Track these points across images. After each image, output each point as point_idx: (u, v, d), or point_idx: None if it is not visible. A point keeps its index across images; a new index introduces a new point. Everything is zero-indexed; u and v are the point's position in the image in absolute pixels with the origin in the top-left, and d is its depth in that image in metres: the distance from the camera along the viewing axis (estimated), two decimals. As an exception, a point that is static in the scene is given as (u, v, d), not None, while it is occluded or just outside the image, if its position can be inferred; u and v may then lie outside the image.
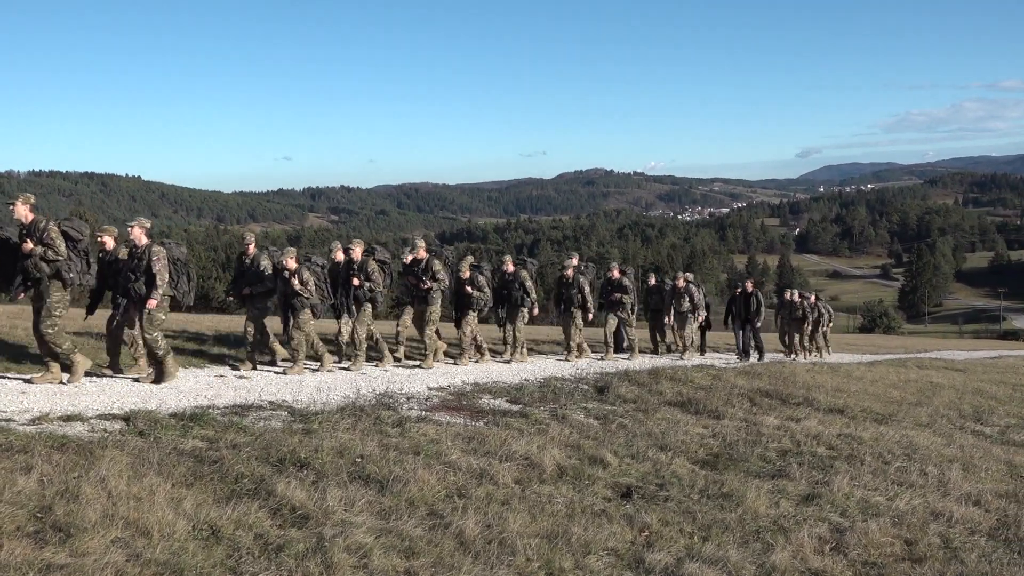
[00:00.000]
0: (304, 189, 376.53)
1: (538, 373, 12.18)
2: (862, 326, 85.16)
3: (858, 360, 21.99)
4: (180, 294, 9.22)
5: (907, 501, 6.71)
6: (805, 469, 7.47)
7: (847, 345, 32.59)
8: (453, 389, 10.06)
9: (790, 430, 9.33)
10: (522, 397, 9.80)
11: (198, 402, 7.94)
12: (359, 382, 10.05)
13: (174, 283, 9.11)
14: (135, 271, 8.86)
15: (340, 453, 6.21)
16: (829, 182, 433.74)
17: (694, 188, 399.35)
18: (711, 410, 10.14)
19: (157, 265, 8.77)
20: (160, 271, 8.78)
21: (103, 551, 4.14)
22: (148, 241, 8.98)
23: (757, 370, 14.32)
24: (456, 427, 7.73)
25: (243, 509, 4.86)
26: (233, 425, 6.87)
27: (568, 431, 8.08)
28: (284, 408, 7.97)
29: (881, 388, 14.62)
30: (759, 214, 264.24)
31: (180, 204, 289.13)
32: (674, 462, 7.31)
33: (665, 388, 11.36)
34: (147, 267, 8.80)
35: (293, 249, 10.70)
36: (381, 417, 7.75)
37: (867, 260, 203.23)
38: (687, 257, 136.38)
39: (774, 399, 11.61)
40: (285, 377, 10.12)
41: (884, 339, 51.13)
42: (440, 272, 11.97)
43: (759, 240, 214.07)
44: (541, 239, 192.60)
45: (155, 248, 8.89)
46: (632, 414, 9.53)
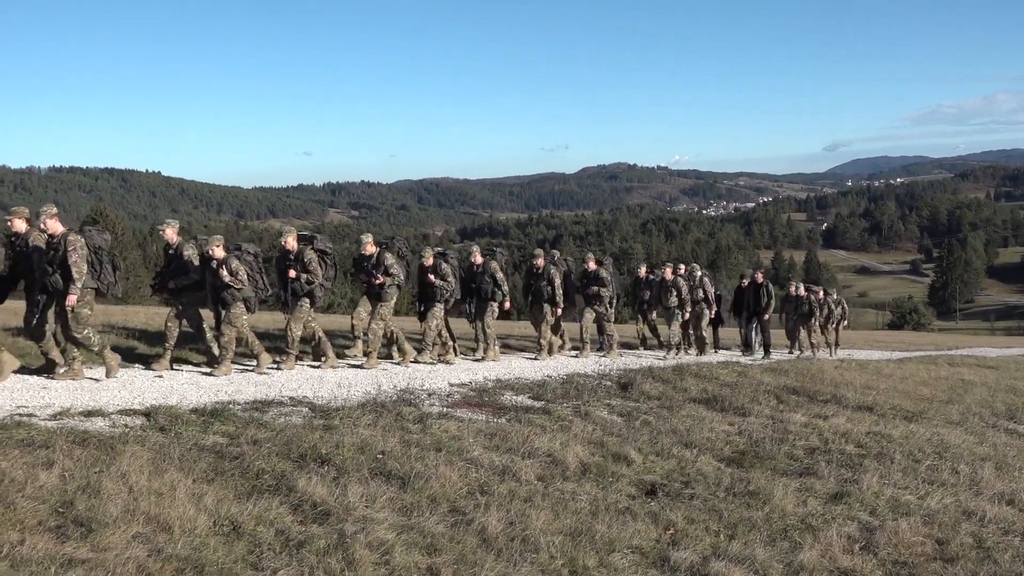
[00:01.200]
0: (324, 184, 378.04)
1: (561, 369, 12.18)
2: (891, 323, 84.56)
3: (887, 357, 21.82)
4: (104, 285, 8.68)
5: (938, 500, 6.65)
6: (833, 467, 7.42)
7: (876, 342, 32.36)
8: (475, 385, 10.07)
9: (818, 427, 9.28)
10: (545, 393, 9.80)
11: (219, 398, 7.99)
12: (380, 378, 10.08)
13: (96, 274, 8.52)
14: (51, 263, 8.28)
15: (361, 449, 6.23)
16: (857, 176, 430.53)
17: (719, 182, 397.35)
18: (737, 407, 10.10)
19: (73, 256, 8.19)
20: (77, 263, 8.19)
21: (124, 546, 4.18)
22: (64, 230, 8.38)
23: (784, 367, 14.24)
24: (478, 423, 7.74)
25: (264, 505, 4.89)
26: (254, 421, 6.91)
27: (591, 428, 8.07)
28: (305, 404, 8.00)
29: (911, 385, 14.50)
30: (785, 209, 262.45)
31: (200, 200, 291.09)
32: (699, 459, 7.28)
33: (690, 385, 11.32)
34: (63, 259, 8.21)
35: (220, 237, 9.99)
36: (402, 413, 7.77)
37: (896, 256, 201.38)
38: (712, 252, 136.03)
39: (801, 396, 11.55)
40: (305, 373, 10.15)
41: (914, 336, 50.76)
42: (393, 266, 11.20)
43: (785, 235, 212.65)
44: (563, 234, 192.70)
45: (71, 238, 8.26)
46: (656, 411, 9.50)
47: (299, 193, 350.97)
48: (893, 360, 20.35)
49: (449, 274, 11.91)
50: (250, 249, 10.23)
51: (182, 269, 9.82)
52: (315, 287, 10.44)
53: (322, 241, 10.90)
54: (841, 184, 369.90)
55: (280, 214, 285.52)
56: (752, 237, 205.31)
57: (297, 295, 10.39)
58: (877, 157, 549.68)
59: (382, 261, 11.18)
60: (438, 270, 11.86)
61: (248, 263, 9.97)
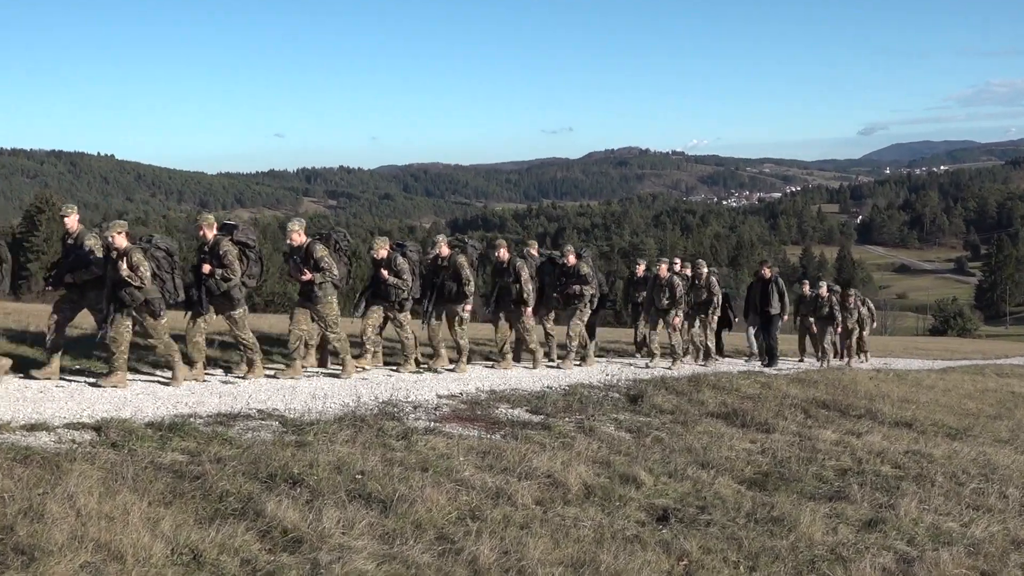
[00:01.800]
0: (298, 170, 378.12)
1: (562, 380, 12.18)
2: (933, 328, 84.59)
3: (929, 367, 21.86)
4: None
5: (984, 527, 6.66)
6: (867, 490, 7.44)
7: (916, 349, 32.40)
8: (466, 397, 10.08)
9: (850, 446, 9.30)
10: (544, 407, 9.81)
11: (178, 410, 7.98)
12: (360, 389, 10.07)
13: None
14: None
15: (338, 468, 6.23)
16: (896, 163, 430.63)
17: (741, 170, 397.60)
18: (760, 423, 10.11)
19: None
20: None
21: (71, 577, 4.17)
22: None
23: (813, 377, 14.26)
24: (469, 440, 7.75)
25: (228, 531, 4.89)
26: (217, 436, 6.91)
27: (596, 445, 8.08)
28: (275, 417, 8.00)
29: (955, 399, 14.54)
30: (815, 199, 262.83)
31: (159, 187, 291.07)
32: (717, 481, 7.29)
33: (707, 397, 11.33)
34: None
35: (123, 223, 9.34)
36: (384, 428, 7.77)
37: (939, 252, 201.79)
38: (733, 248, 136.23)
39: (832, 411, 11.57)
40: (276, 383, 10.15)
41: (959, 343, 50.79)
42: (325, 259, 10.44)
43: (815, 229, 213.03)
44: (566, 227, 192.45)
45: None
46: (669, 427, 9.51)
47: (270, 180, 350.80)
48: (935, 370, 20.41)
49: (405, 271, 11.46)
50: (160, 244, 9.67)
51: (82, 262, 9.47)
52: (232, 286, 9.87)
53: (244, 232, 10.35)
54: (878, 172, 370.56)
55: (249, 203, 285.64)
56: (778, 231, 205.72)
57: (212, 293, 9.83)
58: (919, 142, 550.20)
59: (312, 254, 10.46)
60: (392, 264, 11.41)
61: (156, 259, 9.43)
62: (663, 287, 14.76)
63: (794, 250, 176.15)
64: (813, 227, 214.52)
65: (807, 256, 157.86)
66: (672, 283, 14.70)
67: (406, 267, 11.49)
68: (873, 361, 20.66)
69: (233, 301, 9.96)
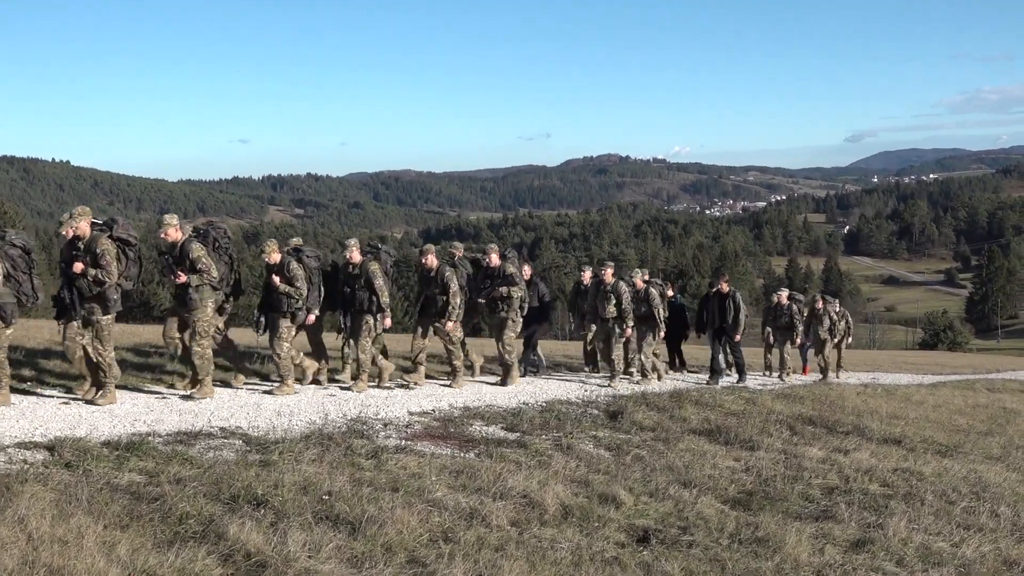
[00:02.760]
0: (263, 177, 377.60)
1: (539, 395, 12.18)
2: (923, 341, 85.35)
3: (918, 382, 22.03)
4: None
5: (975, 548, 6.71)
6: (855, 510, 7.47)
7: (905, 364, 32.64)
8: (438, 414, 10.06)
9: (837, 463, 9.34)
10: (520, 424, 9.80)
11: (136, 428, 7.93)
12: (328, 405, 10.04)
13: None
14: None
15: (304, 489, 6.20)
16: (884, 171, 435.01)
17: (724, 178, 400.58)
18: (744, 440, 10.15)
19: None
20: None
21: (21, 604, 4.13)
22: None
23: (798, 393, 14.34)
24: (442, 459, 7.73)
25: (188, 555, 4.85)
26: (177, 456, 6.86)
27: (574, 464, 8.08)
28: (238, 436, 7.96)
29: (945, 415, 14.64)
30: (801, 209, 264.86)
31: (117, 194, 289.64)
32: (700, 501, 7.30)
33: (689, 414, 11.37)
34: None
35: None
36: (353, 447, 7.75)
37: (929, 264, 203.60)
38: (716, 259, 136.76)
39: (818, 427, 11.63)
40: (239, 400, 10.10)
41: (949, 357, 51.22)
42: (202, 260, 9.80)
43: (801, 240, 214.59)
44: (544, 237, 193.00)
45: None
46: (650, 444, 9.53)
47: (234, 187, 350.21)
48: (925, 385, 20.56)
49: (299, 278, 10.80)
50: (16, 240, 9.05)
51: None
52: (108, 288, 9.15)
53: (124, 228, 9.57)
54: (866, 180, 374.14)
55: (211, 211, 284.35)
56: (763, 241, 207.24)
57: (83, 296, 9.17)
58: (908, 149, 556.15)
59: (187, 254, 9.80)
60: (285, 270, 10.79)
61: (11, 258, 8.85)
62: (608, 294, 14.13)
63: (779, 261, 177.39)
64: (799, 237, 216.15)
65: (793, 267, 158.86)
66: (618, 290, 14.05)
67: (300, 274, 10.83)
68: (860, 376, 20.78)
69: (107, 304, 9.20)
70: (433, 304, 12.25)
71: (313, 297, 11.12)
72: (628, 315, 14.12)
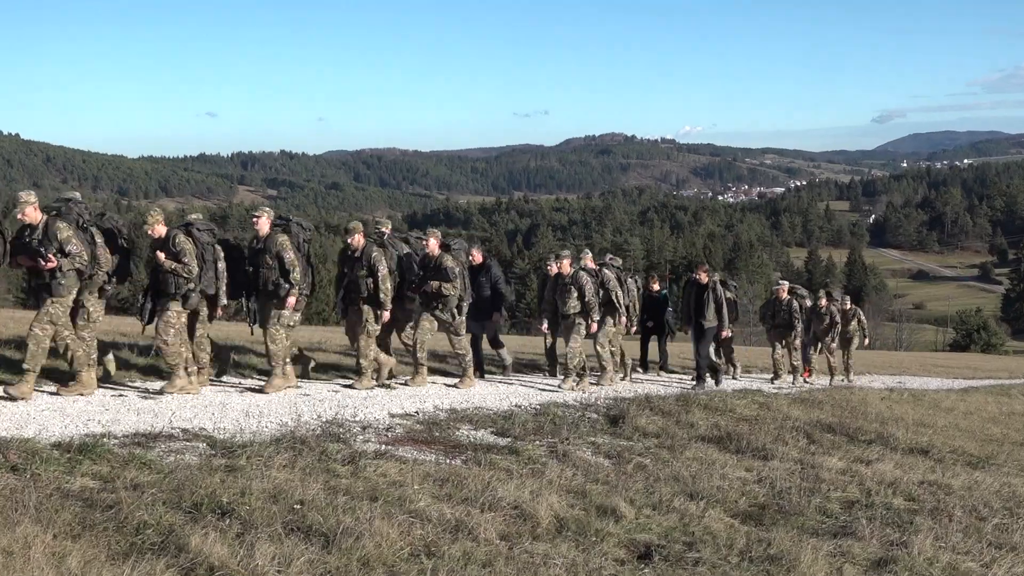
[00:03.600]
0: (233, 155, 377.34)
1: (533, 398, 12.19)
2: (954, 342, 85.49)
3: (948, 386, 22.09)
4: None
5: (1007, 568, 6.72)
6: (877, 525, 7.48)
7: (935, 367, 32.71)
8: (423, 416, 10.07)
9: (858, 475, 9.36)
10: (512, 428, 9.82)
11: (90, 429, 7.92)
12: (301, 406, 10.04)
13: None
14: None
15: (274, 497, 6.20)
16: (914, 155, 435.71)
17: (739, 161, 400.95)
18: (756, 448, 10.17)
19: None
20: None
21: (-38, 621, 4.13)
22: None
23: (817, 397, 14.38)
24: (425, 465, 7.73)
25: (146, 568, 4.85)
26: (135, 459, 6.86)
27: (570, 473, 8.09)
28: (202, 438, 7.95)
29: (977, 423, 14.69)
30: (823, 196, 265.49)
31: (71, 171, 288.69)
32: (707, 514, 7.31)
33: (697, 419, 11.39)
34: None
35: None
36: (328, 451, 7.75)
37: (962, 257, 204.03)
38: (729, 250, 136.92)
39: (838, 435, 11.66)
40: (204, 399, 10.10)
41: (982, 359, 51.33)
42: (71, 242, 9.42)
43: (823, 229, 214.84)
44: (540, 223, 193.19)
45: None
46: (654, 452, 9.55)
47: (200, 165, 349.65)
48: (955, 390, 20.62)
49: (187, 253, 10.13)
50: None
51: None
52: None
53: None
54: (894, 165, 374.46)
55: (175, 192, 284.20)
56: (781, 231, 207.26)
57: None
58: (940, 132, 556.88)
59: (51, 234, 9.39)
60: (170, 245, 10.17)
61: None
62: (568, 287, 13.53)
63: (798, 253, 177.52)
64: (820, 227, 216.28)
65: (813, 260, 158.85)
66: (579, 281, 13.43)
67: (189, 248, 10.15)
68: (884, 380, 20.81)
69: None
70: (356, 289, 11.76)
71: (208, 277, 10.42)
72: (593, 308, 13.50)
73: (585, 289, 13.39)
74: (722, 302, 15.49)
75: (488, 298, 14.04)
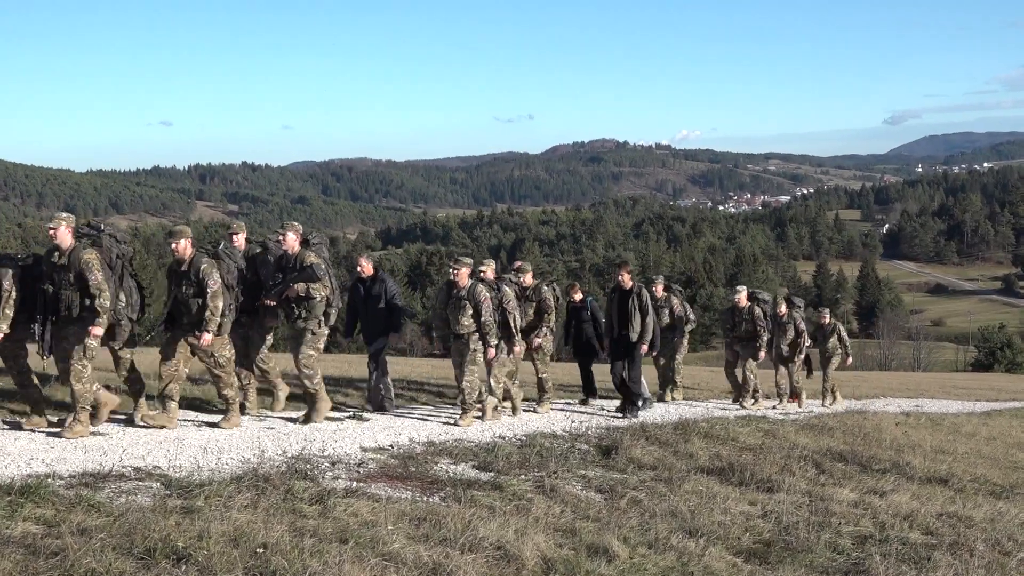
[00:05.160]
0: (190, 167, 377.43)
1: (517, 428, 12.18)
2: (976, 362, 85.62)
3: (969, 409, 22.14)
4: None
5: (1033, 607, 6.75)
6: (892, 562, 7.50)
7: (955, 388, 32.81)
8: (397, 450, 10.07)
9: (872, 507, 9.38)
10: (495, 462, 9.81)
11: (32, 468, 7.90)
12: (264, 440, 10.02)
13: None
14: None
15: (234, 541, 6.18)
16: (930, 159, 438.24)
17: (741, 167, 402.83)
18: (761, 480, 10.17)
19: None
20: None
21: None
22: None
23: (827, 423, 14.39)
24: (400, 504, 7.72)
25: (94, 621, 4.83)
26: (82, 501, 6.83)
27: (559, 509, 8.09)
28: (156, 477, 7.93)
29: (1001, 449, 14.74)
30: (832, 204, 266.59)
31: (13, 187, 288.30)
32: (708, 552, 7.32)
33: (697, 449, 11.39)
34: None
35: None
36: (294, 490, 7.73)
37: (983, 269, 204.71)
38: (731, 264, 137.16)
39: (850, 464, 11.67)
40: (158, 435, 10.07)
41: (1007, 380, 51.50)
42: None
43: (832, 241, 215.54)
44: (526, 238, 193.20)
45: None
46: (650, 485, 9.54)
47: (154, 179, 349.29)
48: (977, 414, 20.67)
49: None
50: None
51: None
52: None
53: None
54: (908, 170, 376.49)
55: (127, 208, 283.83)
56: (787, 243, 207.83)
57: None
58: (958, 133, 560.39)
59: None
60: None
61: None
62: (463, 301, 12.53)
63: (806, 266, 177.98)
64: (829, 238, 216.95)
65: (822, 273, 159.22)
66: (476, 296, 12.43)
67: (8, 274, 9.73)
68: (900, 403, 20.81)
69: None
70: (185, 310, 10.61)
71: None
72: (490, 329, 12.45)
73: (482, 306, 12.39)
74: (648, 310, 14.29)
75: (382, 315, 13.24)
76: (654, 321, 14.49)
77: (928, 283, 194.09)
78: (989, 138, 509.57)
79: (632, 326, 14.18)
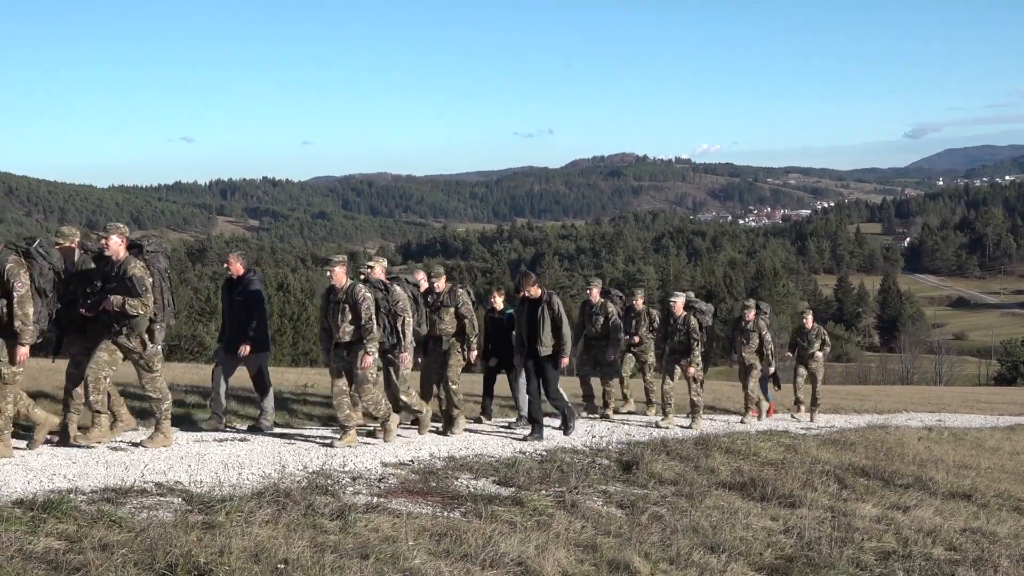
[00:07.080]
0: (211, 183, 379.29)
1: (538, 444, 12.16)
2: (999, 376, 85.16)
3: (992, 424, 22.01)
4: None
5: (1059, 624, 6.70)
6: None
7: (978, 403, 32.61)
8: (418, 465, 10.06)
9: (895, 523, 9.33)
10: (515, 477, 9.79)
11: (55, 484, 7.91)
12: (285, 456, 10.03)
13: None
14: None
15: (255, 556, 6.19)
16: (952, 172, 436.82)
17: (761, 181, 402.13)
18: (783, 495, 10.13)
19: None
20: None
21: None
22: None
23: (849, 438, 14.33)
24: (421, 519, 7.72)
25: (115, 637, 4.84)
26: (104, 517, 6.85)
27: (580, 525, 8.07)
28: (177, 492, 7.94)
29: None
30: (853, 218, 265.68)
31: (36, 203, 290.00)
32: (729, 568, 7.30)
33: (718, 464, 11.37)
34: None
35: None
36: (315, 505, 7.73)
37: (1006, 282, 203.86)
38: (751, 278, 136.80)
39: (873, 479, 11.62)
40: (180, 450, 10.09)
41: (1030, 394, 51.10)
42: None
43: (853, 255, 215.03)
44: (546, 252, 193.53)
45: None
46: (671, 500, 9.52)
47: (176, 195, 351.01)
48: (1000, 428, 20.55)
49: None
50: None
51: None
52: None
53: None
54: (929, 184, 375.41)
55: (149, 223, 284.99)
56: (807, 256, 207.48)
57: None
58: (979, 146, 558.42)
59: None
60: None
61: None
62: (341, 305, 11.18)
63: (827, 280, 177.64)
64: (850, 252, 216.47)
65: (843, 287, 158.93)
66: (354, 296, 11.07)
67: None
68: (923, 418, 20.70)
69: None
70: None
71: None
72: (371, 336, 11.10)
73: (361, 308, 11.02)
74: (560, 319, 12.75)
75: (246, 322, 12.04)
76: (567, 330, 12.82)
77: (950, 297, 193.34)
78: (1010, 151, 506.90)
79: (541, 340, 12.72)
